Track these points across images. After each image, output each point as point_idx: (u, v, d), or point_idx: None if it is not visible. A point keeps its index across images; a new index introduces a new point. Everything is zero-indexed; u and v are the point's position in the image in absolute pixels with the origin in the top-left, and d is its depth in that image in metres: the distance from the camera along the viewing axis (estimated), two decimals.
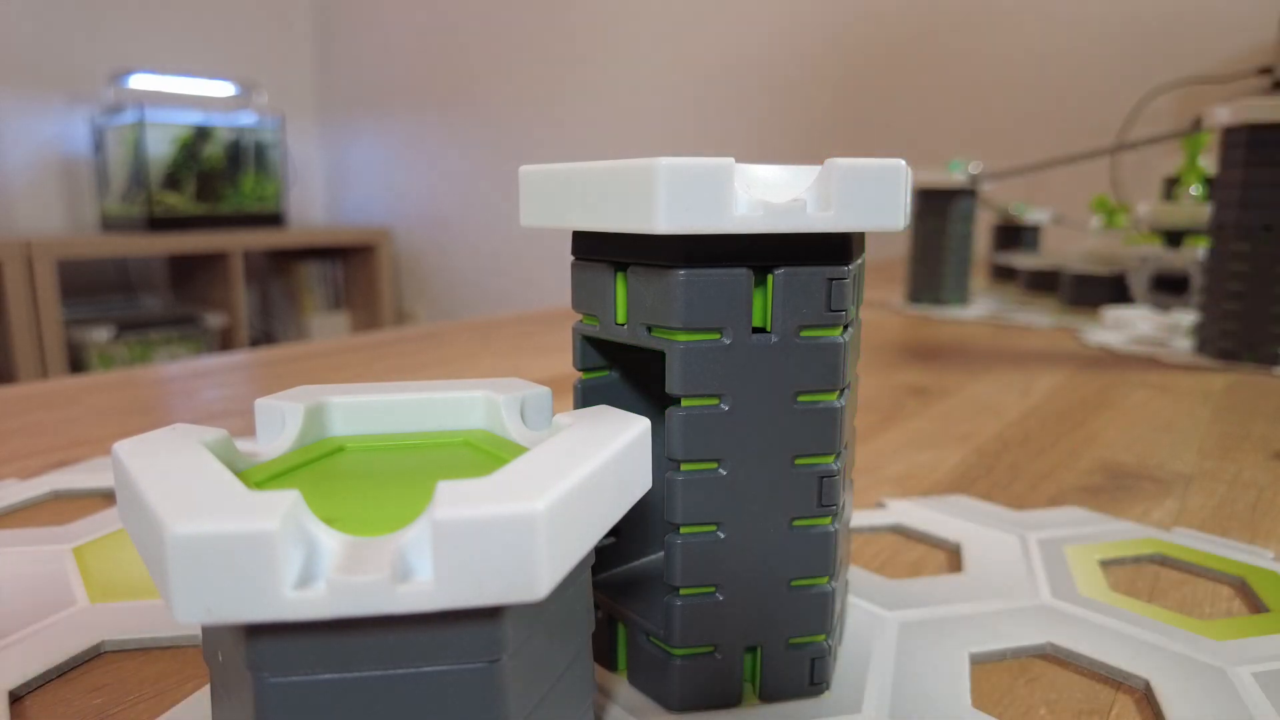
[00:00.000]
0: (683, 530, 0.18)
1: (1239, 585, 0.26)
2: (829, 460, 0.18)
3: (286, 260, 2.54)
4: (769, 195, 0.17)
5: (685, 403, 0.17)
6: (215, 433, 0.16)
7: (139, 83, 2.22)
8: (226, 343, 2.23)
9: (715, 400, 0.17)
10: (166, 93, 2.30)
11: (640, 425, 0.16)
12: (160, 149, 2.14)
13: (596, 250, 0.19)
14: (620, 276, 0.18)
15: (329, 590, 0.11)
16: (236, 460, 0.16)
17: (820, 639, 0.19)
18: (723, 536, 0.18)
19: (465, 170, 2.36)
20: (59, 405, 0.47)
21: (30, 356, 1.88)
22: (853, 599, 0.24)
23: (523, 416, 0.18)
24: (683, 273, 0.17)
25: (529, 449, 0.17)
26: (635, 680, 0.20)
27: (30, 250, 1.88)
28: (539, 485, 0.13)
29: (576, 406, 0.20)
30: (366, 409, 0.19)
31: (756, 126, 1.79)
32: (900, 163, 0.17)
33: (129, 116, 2.12)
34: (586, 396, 0.20)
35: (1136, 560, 0.27)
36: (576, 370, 0.21)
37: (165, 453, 0.15)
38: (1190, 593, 0.25)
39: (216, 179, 2.25)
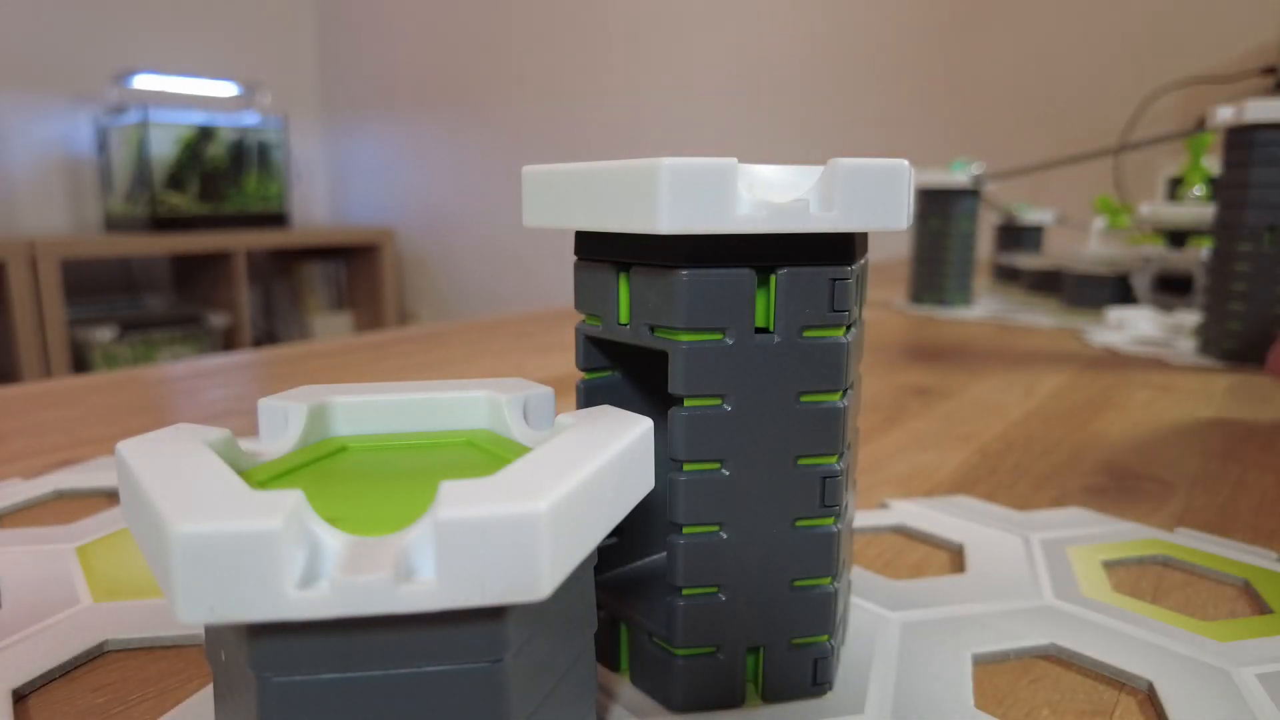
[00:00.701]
0: (685, 530, 0.18)
1: (1242, 586, 0.26)
2: (832, 461, 0.18)
3: (289, 260, 2.55)
4: (772, 195, 0.17)
5: (688, 403, 0.17)
6: (218, 432, 0.16)
7: (143, 83, 2.22)
8: (230, 342, 2.23)
9: (718, 400, 0.17)
10: (170, 93, 2.30)
11: (643, 425, 0.16)
12: (164, 149, 2.14)
13: (599, 250, 0.19)
14: (623, 277, 0.18)
15: (332, 590, 0.11)
16: (240, 460, 0.16)
17: (823, 639, 0.19)
18: (725, 537, 0.18)
19: (468, 170, 2.36)
20: (63, 405, 0.47)
21: (34, 356, 1.89)
22: (855, 599, 0.24)
23: (525, 416, 0.19)
24: (685, 273, 0.17)
25: (532, 449, 0.17)
26: (638, 680, 0.20)
27: (34, 250, 1.88)
28: (542, 485, 0.13)
29: (579, 406, 0.20)
30: (369, 409, 0.19)
31: (759, 126, 1.79)
32: (903, 163, 0.17)
33: (133, 117, 2.12)
34: (589, 396, 0.20)
35: (1140, 561, 0.27)
36: (579, 370, 0.21)
37: (169, 452, 0.15)
38: (1194, 594, 0.25)
39: (220, 179, 2.26)
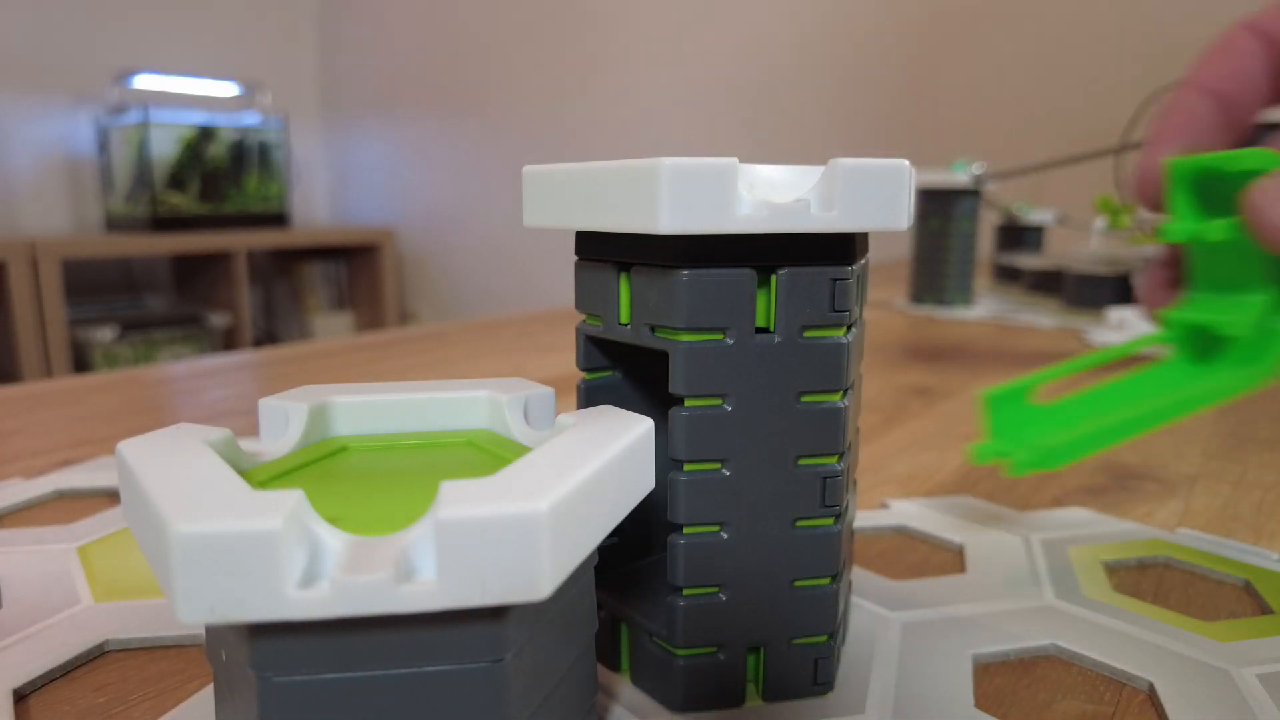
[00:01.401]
0: (686, 530, 0.18)
1: (1244, 586, 0.26)
2: (832, 461, 0.18)
3: (290, 260, 2.55)
4: (772, 195, 0.17)
5: (688, 403, 0.17)
6: (219, 432, 0.16)
7: (143, 83, 2.22)
8: (230, 342, 2.23)
9: (718, 400, 0.17)
10: (171, 93, 2.30)
11: (643, 425, 0.16)
12: (164, 149, 2.14)
13: (600, 250, 0.19)
14: (623, 277, 0.18)
15: (333, 590, 0.11)
16: (240, 460, 0.16)
17: (823, 639, 0.19)
18: (726, 537, 0.18)
19: (469, 170, 2.36)
20: (63, 405, 0.47)
21: (34, 356, 1.89)
22: (856, 599, 0.24)
23: (526, 416, 0.19)
24: (686, 273, 0.17)
25: (532, 449, 0.17)
26: (638, 680, 0.20)
27: (35, 250, 1.88)
28: (542, 485, 0.13)
29: (579, 406, 0.20)
30: (370, 409, 0.19)
31: (760, 126, 1.79)
32: (904, 163, 0.17)
33: (133, 117, 2.12)
34: (589, 396, 0.20)
35: (1140, 561, 0.27)
36: (579, 370, 0.20)
37: (169, 452, 0.15)
38: (1194, 594, 0.25)
39: (220, 179, 2.26)
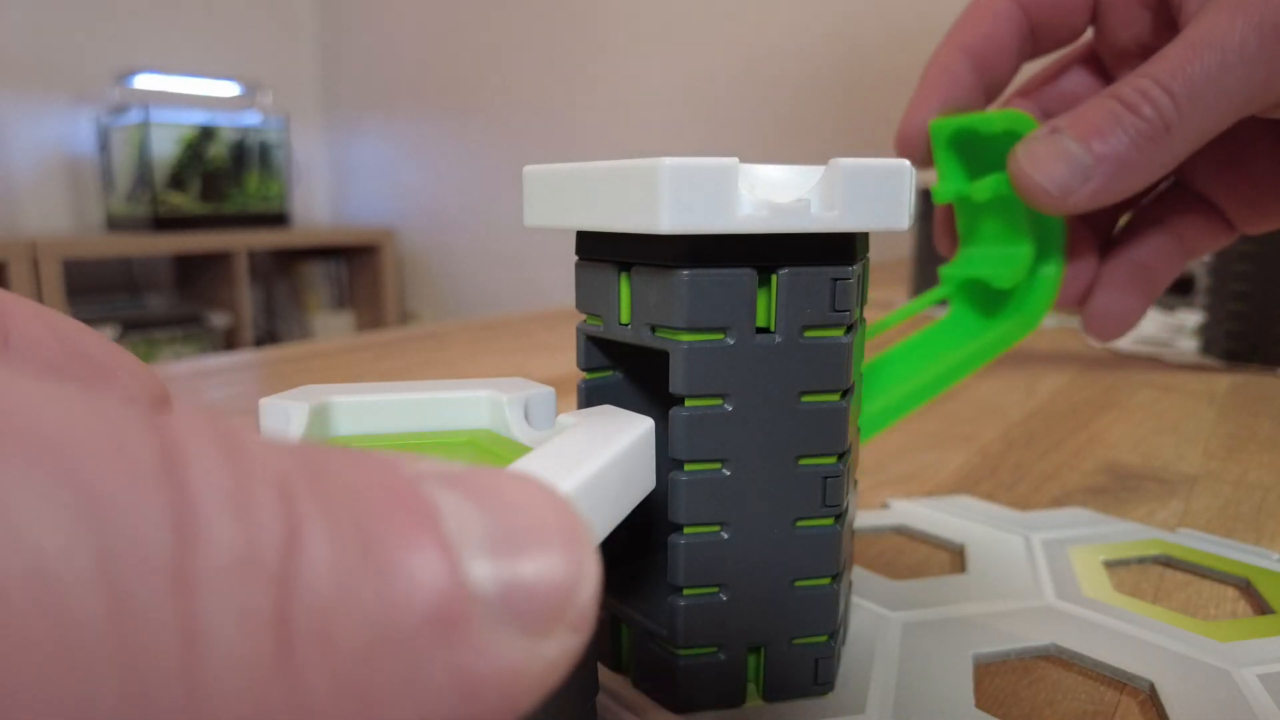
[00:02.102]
0: (686, 530, 0.18)
1: (1244, 587, 0.26)
2: (833, 461, 0.18)
3: (291, 260, 2.55)
4: (773, 195, 0.17)
5: (689, 403, 0.17)
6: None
7: (144, 83, 2.22)
8: (231, 342, 2.23)
9: (719, 400, 0.17)
10: (171, 93, 2.30)
11: (644, 425, 0.16)
12: (165, 149, 2.14)
13: (600, 250, 0.19)
14: (624, 276, 0.18)
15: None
16: None
17: (824, 639, 0.19)
18: (726, 537, 0.18)
19: (469, 170, 2.36)
20: None
21: None
22: (856, 599, 0.24)
23: (526, 416, 0.18)
24: (686, 273, 0.17)
25: (532, 449, 0.17)
26: (638, 680, 0.20)
27: (35, 250, 1.88)
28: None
29: (580, 406, 0.20)
30: (370, 408, 0.19)
31: (761, 126, 1.79)
32: (905, 163, 0.17)
33: (134, 116, 2.12)
34: (590, 396, 0.20)
35: (1141, 561, 0.27)
36: (580, 370, 0.20)
37: None
38: (1195, 594, 0.25)
39: (221, 179, 2.26)
